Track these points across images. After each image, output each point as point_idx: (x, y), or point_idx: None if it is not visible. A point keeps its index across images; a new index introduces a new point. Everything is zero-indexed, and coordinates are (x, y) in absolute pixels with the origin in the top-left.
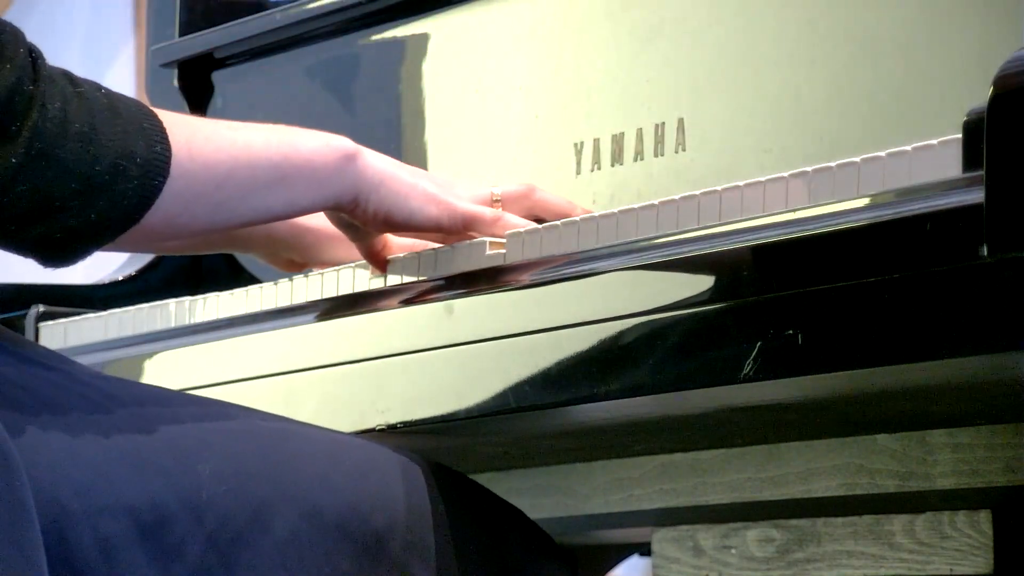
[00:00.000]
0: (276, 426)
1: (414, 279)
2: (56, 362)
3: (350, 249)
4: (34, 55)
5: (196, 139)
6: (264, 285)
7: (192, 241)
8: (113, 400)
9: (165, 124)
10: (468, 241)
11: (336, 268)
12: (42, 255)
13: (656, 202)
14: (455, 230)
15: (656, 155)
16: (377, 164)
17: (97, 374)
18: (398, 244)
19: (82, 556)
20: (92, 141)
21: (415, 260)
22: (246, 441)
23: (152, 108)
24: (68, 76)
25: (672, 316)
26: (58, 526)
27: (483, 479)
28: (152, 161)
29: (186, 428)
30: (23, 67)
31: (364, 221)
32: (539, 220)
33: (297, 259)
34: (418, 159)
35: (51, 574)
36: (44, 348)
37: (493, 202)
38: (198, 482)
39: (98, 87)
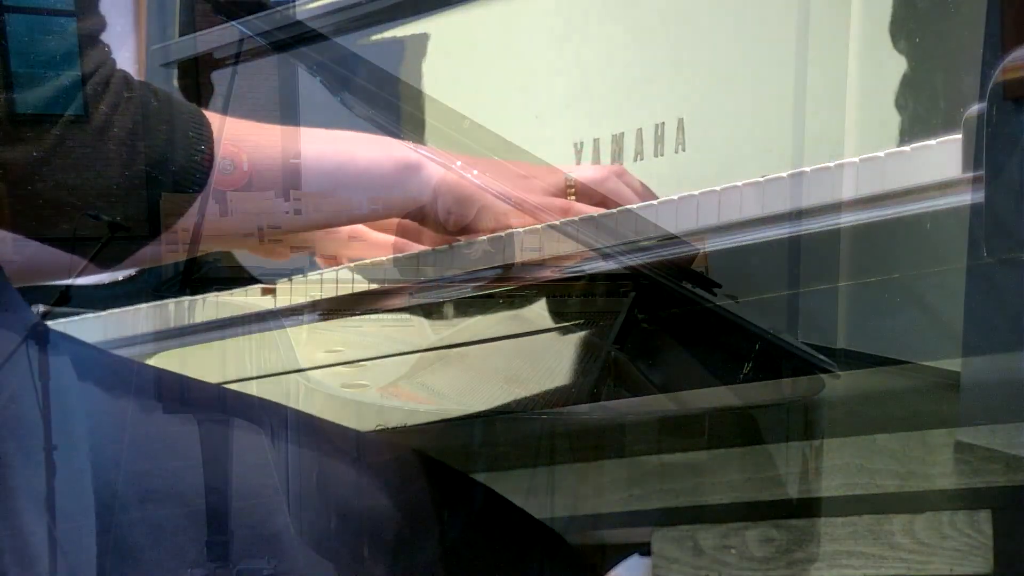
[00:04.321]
0: (305, 420)
1: (413, 279)
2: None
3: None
4: (101, 62)
5: (244, 148)
6: (263, 286)
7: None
8: (163, 390)
9: (215, 134)
10: (467, 241)
11: (335, 268)
12: (82, 252)
13: (656, 202)
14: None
15: (656, 155)
16: (443, 171)
17: (143, 364)
18: None
19: (132, 539)
20: (128, 145)
21: (415, 260)
22: (285, 439)
23: (209, 114)
24: (126, 79)
25: (671, 316)
26: (110, 510)
27: (483, 479)
28: (188, 169)
29: (233, 422)
30: (83, 73)
31: (435, 227)
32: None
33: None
34: None
35: (101, 555)
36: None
37: (567, 188)
38: (244, 471)
39: (155, 93)
